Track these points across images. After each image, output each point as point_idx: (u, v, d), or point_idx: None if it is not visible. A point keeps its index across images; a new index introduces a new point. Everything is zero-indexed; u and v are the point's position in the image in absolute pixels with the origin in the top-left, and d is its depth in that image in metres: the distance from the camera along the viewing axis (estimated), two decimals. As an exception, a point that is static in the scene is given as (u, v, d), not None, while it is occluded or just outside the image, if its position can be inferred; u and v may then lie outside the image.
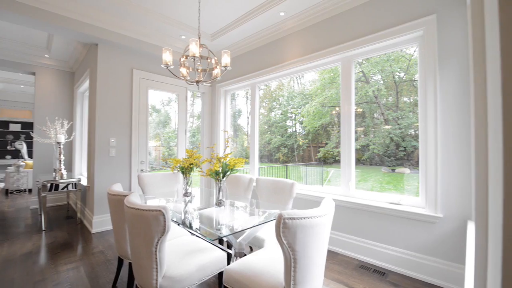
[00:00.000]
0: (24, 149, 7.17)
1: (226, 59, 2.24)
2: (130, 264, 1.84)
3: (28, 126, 8.28)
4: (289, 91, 11.77)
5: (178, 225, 1.80)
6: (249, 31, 3.59)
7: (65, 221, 3.89)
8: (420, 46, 2.32)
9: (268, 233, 2.08)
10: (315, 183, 8.40)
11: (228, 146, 2.10)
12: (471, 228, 1.82)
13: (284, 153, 11.27)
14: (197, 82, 2.30)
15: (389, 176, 7.05)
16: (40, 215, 3.64)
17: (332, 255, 2.68)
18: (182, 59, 2.24)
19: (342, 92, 2.87)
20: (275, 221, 1.76)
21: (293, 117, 11.59)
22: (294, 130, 11.53)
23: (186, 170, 2.33)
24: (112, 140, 3.49)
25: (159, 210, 1.31)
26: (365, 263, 2.51)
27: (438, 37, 2.15)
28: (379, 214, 2.46)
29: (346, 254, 2.68)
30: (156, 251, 1.36)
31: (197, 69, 2.28)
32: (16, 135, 8.30)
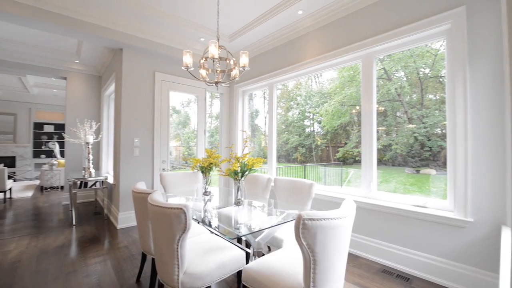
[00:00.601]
0: (56, 148, 7.69)
1: (244, 60, 2.26)
2: (153, 259, 1.91)
3: (60, 127, 8.88)
4: (307, 90, 11.61)
5: (198, 223, 1.84)
6: (267, 31, 3.59)
7: (93, 216, 4.13)
8: (448, 40, 2.20)
9: (286, 233, 2.08)
10: (334, 184, 8.23)
11: (246, 146, 2.12)
12: (506, 233, 1.70)
13: (302, 153, 11.14)
14: (216, 83, 2.34)
15: (413, 177, 6.74)
16: (71, 210, 3.89)
17: (352, 258, 2.61)
18: (202, 61, 2.29)
19: (362, 90, 2.79)
20: (294, 221, 1.76)
21: (311, 117, 11.43)
22: (312, 129, 11.36)
23: (205, 170, 2.38)
24: (136, 140, 3.65)
25: (181, 208, 1.35)
26: (388, 267, 2.42)
27: (467, 30, 2.02)
28: (403, 217, 2.36)
29: (367, 257, 2.60)
30: (177, 248, 1.40)
31: (216, 70, 2.32)
32: (50, 135, 8.94)
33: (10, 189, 5.34)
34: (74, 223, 3.73)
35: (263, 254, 1.92)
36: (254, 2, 3.01)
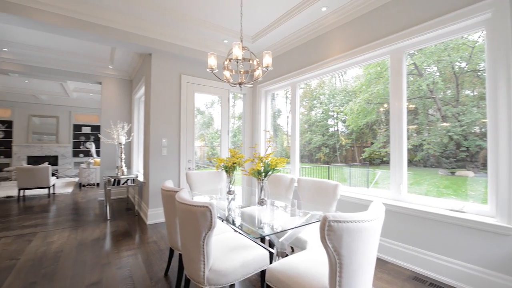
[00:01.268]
0: (93, 148, 8.29)
1: (267, 60, 2.26)
2: (180, 255, 1.99)
3: (96, 128, 9.59)
4: (331, 88, 11.32)
5: (222, 221, 1.88)
6: (289, 30, 3.56)
7: (125, 212, 4.39)
8: (488, 31, 2.02)
9: (311, 234, 2.05)
10: (360, 185, 7.94)
11: (270, 146, 2.12)
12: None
13: (326, 153, 10.88)
14: (240, 83, 2.37)
15: (447, 179, 6.27)
16: (106, 206, 4.18)
17: (380, 263, 2.50)
18: (226, 63, 2.33)
19: (391, 87, 2.67)
20: (318, 223, 1.73)
21: (335, 116, 11.12)
22: (336, 129, 11.06)
23: (229, 169, 2.42)
24: (164, 141, 3.82)
25: (206, 207, 1.39)
26: (420, 274, 2.28)
27: (511, 19, 1.84)
28: (437, 221, 2.22)
29: (397, 263, 2.48)
30: (203, 245, 1.45)
31: (240, 71, 2.36)
32: (87, 136, 9.69)
33: (53, 185, 5.86)
34: (108, 217, 4.00)
35: (287, 255, 1.91)
36: (277, 1, 3.00)
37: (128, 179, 4.16)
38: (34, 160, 8.67)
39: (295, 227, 1.67)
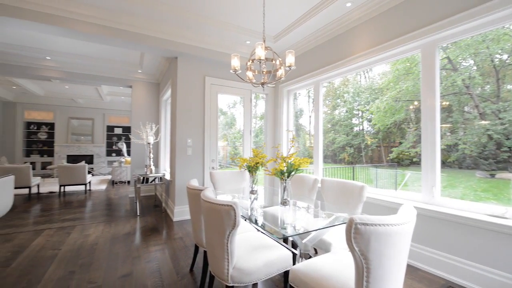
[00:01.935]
0: (124, 148, 8.82)
1: (290, 59, 2.25)
2: (205, 252, 2.05)
3: (127, 129, 10.20)
4: (355, 86, 10.95)
5: (245, 220, 1.90)
6: (312, 27, 3.51)
7: (153, 209, 4.61)
8: (538, 19, 1.83)
9: (335, 237, 2.00)
10: (387, 187, 7.58)
11: (293, 146, 2.11)
12: None
13: (350, 153, 10.54)
14: (263, 84, 2.38)
15: (486, 182, 5.76)
16: (136, 202, 4.42)
17: (411, 270, 2.38)
18: (249, 63, 2.36)
19: (422, 84, 2.51)
20: (343, 225, 1.69)
21: (360, 115, 10.74)
22: (361, 128, 10.67)
23: (252, 169, 2.44)
24: (189, 141, 3.95)
25: (230, 205, 1.42)
26: (454, 284, 2.13)
27: None
28: (475, 228, 2.05)
29: (429, 270, 2.33)
30: (227, 243, 1.48)
31: (263, 71, 2.37)
32: (119, 137, 10.33)
33: (89, 182, 6.32)
34: (138, 213, 4.23)
35: (310, 256, 1.89)
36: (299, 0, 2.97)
37: (155, 178, 4.36)
38: (72, 159, 9.42)
39: (320, 229, 1.64)
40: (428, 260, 2.35)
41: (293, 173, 1.98)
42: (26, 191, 5.83)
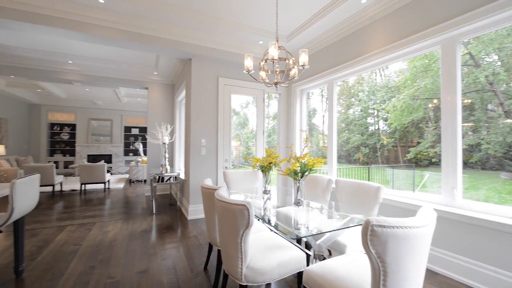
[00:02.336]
0: (141, 148, 9.08)
1: (304, 58, 2.23)
2: (218, 250, 2.07)
3: (143, 130, 10.52)
4: (370, 85, 10.67)
5: (258, 220, 1.91)
6: (326, 26, 3.46)
7: (168, 207, 4.72)
8: None
9: (350, 238, 1.96)
10: (405, 188, 7.34)
11: (306, 146, 2.09)
12: None
13: (365, 154, 10.29)
14: (276, 83, 2.38)
15: (512, 184, 5.45)
16: (152, 201, 4.54)
17: (430, 274, 2.29)
18: (262, 63, 2.36)
19: (442, 81, 2.42)
20: (359, 226, 1.66)
21: (375, 114, 10.46)
22: (376, 127, 10.39)
23: (265, 169, 2.45)
24: (203, 141, 4.01)
25: (244, 205, 1.43)
26: (478, 290, 2.03)
27: None
28: (500, 232, 1.95)
29: (449, 275, 2.24)
30: (241, 242, 1.49)
31: (276, 71, 2.36)
32: (136, 137, 10.66)
33: (108, 181, 6.57)
34: (154, 212, 4.34)
35: (324, 258, 1.87)
36: (313, -2, 2.94)
37: (170, 177, 4.46)
38: (92, 158, 9.82)
39: (334, 230, 1.62)
40: (448, 264, 2.25)
41: (306, 173, 1.96)
42: (50, 189, 6.14)
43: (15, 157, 7.31)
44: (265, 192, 2.52)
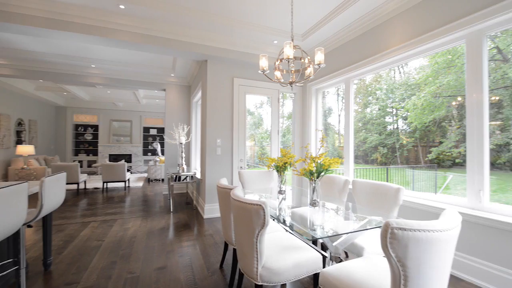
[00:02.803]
0: (158, 148, 9.37)
1: (319, 57, 2.20)
2: (234, 249, 2.10)
3: (161, 130, 10.83)
4: (389, 83, 10.32)
5: (273, 220, 1.91)
6: (342, 23, 3.39)
7: (185, 206, 4.83)
8: None
9: (368, 241, 1.91)
10: (426, 190, 7.05)
11: (322, 146, 2.06)
12: None
13: (383, 154, 9.96)
14: (291, 83, 2.37)
15: (547, 187, 5.07)
16: (169, 199, 4.67)
17: (454, 281, 2.19)
18: (277, 63, 2.36)
19: (467, 77, 2.30)
20: (377, 229, 1.61)
21: (394, 112, 10.10)
22: (395, 127, 10.03)
23: (280, 169, 2.44)
24: (218, 141, 4.07)
25: (260, 205, 1.44)
26: (508, 299, 1.91)
27: None
28: (533, 238, 1.82)
29: (475, 282, 2.12)
30: (257, 242, 1.50)
31: (291, 70, 2.35)
32: (154, 137, 11.00)
33: (128, 180, 6.82)
34: (171, 210, 4.46)
35: (341, 260, 1.84)
36: (329, -4, 2.89)
37: (187, 176, 4.55)
38: (113, 158, 10.24)
39: (352, 232, 1.58)
40: (473, 271, 2.14)
41: (322, 173, 1.94)
42: (75, 186, 6.47)
43: (43, 157, 7.78)
44: (280, 192, 2.51)
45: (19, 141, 7.27)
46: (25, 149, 6.13)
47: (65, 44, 4.46)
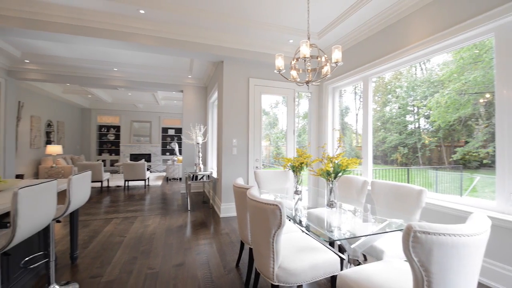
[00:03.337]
0: (176, 148, 9.61)
1: (337, 55, 2.16)
2: (250, 249, 2.11)
3: (179, 130, 11.12)
4: (410, 80, 9.90)
5: (289, 220, 1.90)
6: (360, 19, 3.30)
7: (201, 205, 4.92)
8: None
9: (389, 244, 1.85)
10: (451, 192, 6.71)
11: (340, 146, 2.02)
12: None
13: (403, 154, 9.57)
14: (307, 82, 2.34)
15: None
16: (187, 198, 4.77)
17: (481, 288, 2.07)
18: (293, 62, 2.34)
19: (497, 73, 2.16)
20: (398, 232, 1.56)
21: (415, 111, 9.67)
22: (417, 126, 9.61)
23: (296, 169, 2.42)
24: (234, 141, 4.11)
25: (276, 205, 1.43)
26: (544, 311, 1.78)
27: None
28: None
29: (507, 291, 1.99)
30: (273, 242, 1.50)
31: (307, 69, 2.33)
32: (172, 137, 11.31)
33: (148, 178, 7.05)
34: (189, 208, 4.56)
35: (359, 263, 1.79)
36: (346, -8, 2.83)
37: (204, 175, 4.64)
38: (134, 157, 10.64)
39: (372, 234, 1.54)
40: (504, 279, 2.00)
41: (340, 174, 1.90)
42: (98, 184, 6.79)
43: (70, 156, 8.24)
44: (296, 192, 2.49)
45: (48, 141, 7.75)
46: (54, 149, 6.52)
47: (90, 49, 4.69)
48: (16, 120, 6.06)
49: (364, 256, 2.33)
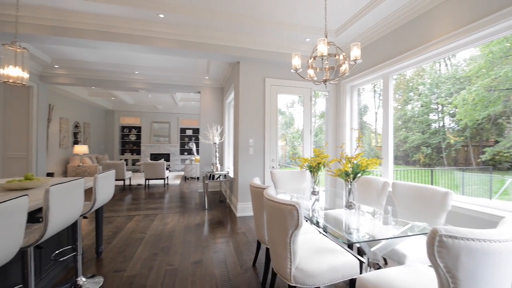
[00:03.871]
0: (194, 148, 9.82)
1: (355, 52, 2.10)
2: (267, 249, 2.11)
3: (196, 131, 11.37)
4: (433, 76, 9.43)
5: (306, 221, 1.88)
6: (380, 15, 3.19)
7: (218, 204, 4.99)
8: None
9: (411, 248, 1.78)
10: (479, 195, 6.32)
11: (359, 146, 1.98)
12: None
13: (427, 154, 9.14)
14: (325, 81, 2.31)
15: None
16: (204, 197, 4.86)
17: (515, 298, 1.93)
18: (310, 61, 2.31)
19: (534, 69, 2.00)
20: (422, 236, 1.50)
21: (439, 109, 9.20)
22: (441, 125, 9.14)
23: (313, 169, 2.39)
24: (251, 141, 4.13)
25: (293, 205, 1.43)
26: None
27: None
28: None
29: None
30: (290, 243, 1.49)
31: (325, 68, 2.29)
32: (190, 137, 11.59)
33: (167, 177, 7.27)
34: (206, 207, 4.65)
35: (379, 266, 1.74)
36: (366, -12, 2.75)
37: (220, 175, 4.70)
38: (154, 157, 11.00)
39: (393, 238, 1.49)
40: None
41: (359, 174, 1.86)
42: (121, 183, 7.09)
43: (95, 155, 8.68)
44: (313, 193, 2.46)
45: (75, 142, 8.21)
46: (81, 149, 6.90)
47: (113, 53, 4.91)
48: (47, 122, 6.48)
49: (385, 259, 2.25)
